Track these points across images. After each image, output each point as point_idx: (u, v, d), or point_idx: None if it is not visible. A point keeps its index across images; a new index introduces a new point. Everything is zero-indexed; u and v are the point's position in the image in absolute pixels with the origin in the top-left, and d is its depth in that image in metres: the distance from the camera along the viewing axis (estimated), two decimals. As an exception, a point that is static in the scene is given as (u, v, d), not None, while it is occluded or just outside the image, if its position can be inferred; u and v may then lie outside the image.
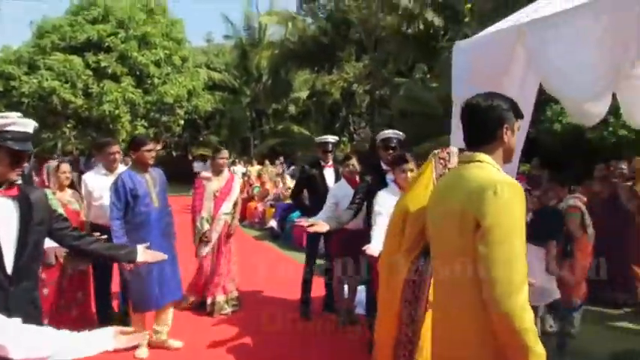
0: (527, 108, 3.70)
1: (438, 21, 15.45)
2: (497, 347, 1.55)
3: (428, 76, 17.04)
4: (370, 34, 17.02)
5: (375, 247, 2.98)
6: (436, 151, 2.57)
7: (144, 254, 2.51)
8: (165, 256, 2.67)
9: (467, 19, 12.36)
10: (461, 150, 1.94)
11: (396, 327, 2.43)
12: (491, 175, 1.63)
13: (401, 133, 4.04)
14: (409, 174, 3.28)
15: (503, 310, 1.48)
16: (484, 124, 1.71)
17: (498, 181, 1.58)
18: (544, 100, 6.76)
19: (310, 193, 5.04)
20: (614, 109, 5.18)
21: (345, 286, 4.78)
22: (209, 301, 4.95)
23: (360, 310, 4.82)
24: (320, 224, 3.48)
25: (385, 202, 3.21)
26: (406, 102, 14.17)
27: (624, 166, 6.28)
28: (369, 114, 17.83)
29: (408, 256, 2.37)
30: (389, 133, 3.97)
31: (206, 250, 4.95)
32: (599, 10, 2.99)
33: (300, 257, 7.54)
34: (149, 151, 3.81)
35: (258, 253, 8.07)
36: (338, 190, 4.48)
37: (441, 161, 2.51)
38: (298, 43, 19.07)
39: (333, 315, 4.85)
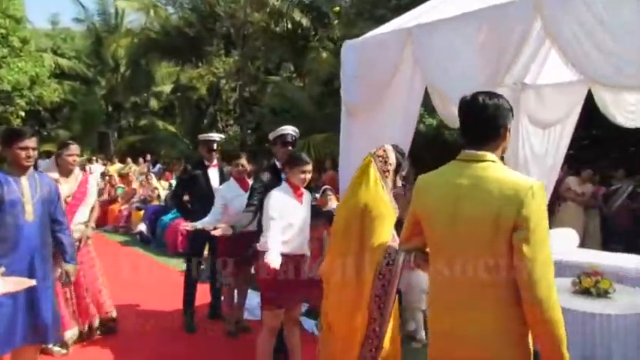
0: (415, 109, 3.86)
1: (305, 21, 15.72)
2: (521, 346, 1.68)
3: (294, 75, 17.31)
4: (239, 29, 16.69)
5: (273, 257, 2.85)
6: (373, 151, 2.68)
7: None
8: (33, 282, 2.20)
9: (336, 22, 12.75)
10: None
11: (366, 324, 2.45)
12: (519, 177, 1.70)
13: (297, 130, 3.93)
14: (308, 176, 3.27)
15: (547, 306, 1.58)
16: (491, 123, 1.73)
17: (533, 184, 1.65)
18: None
19: (192, 195, 4.69)
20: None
21: (235, 291, 4.54)
22: (84, 328, 4.16)
23: (249, 316, 4.62)
24: (225, 228, 3.42)
25: (278, 205, 3.10)
26: (277, 100, 14.17)
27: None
28: (239, 111, 17.48)
29: (376, 252, 2.41)
30: (287, 129, 3.83)
31: (59, 271, 3.65)
32: (483, 19, 3.21)
33: (176, 263, 7.10)
34: (24, 149, 2.98)
35: (127, 262, 7.35)
36: (227, 191, 4.23)
37: (380, 159, 2.62)
38: (161, 33, 17.93)
39: (220, 322, 4.58)
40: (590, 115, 5.52)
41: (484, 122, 1.74)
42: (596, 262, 4.24)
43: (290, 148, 3.74)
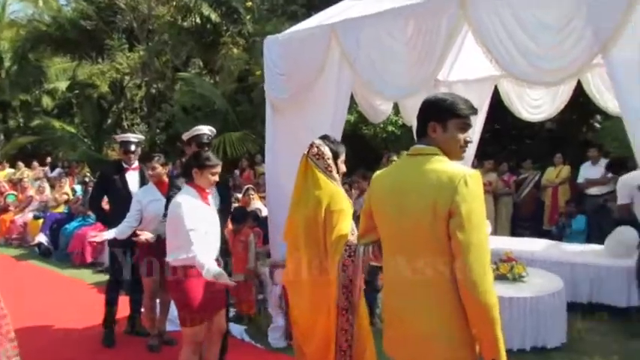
0: (343, 105, 3.83)
1: (215, 16, 15.24)
2: (468, 348, 1.69)
3: (204, 71, 16.73)
4: (142, 23, 15.77)
5: (218, 272, 2.67)
6: (305, 152, 2.66)
7: None
8: None
9: (248, 17, 12.49)
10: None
11: (336, 317, 2.44)
12: (455, 167, 1.71)
13: (213, 129, 3.76)
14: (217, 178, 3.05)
15: (480, 289, 1.61)
16: (420, 118, 1.83)
17: (467, 172, 1.68)
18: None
19: (110, 201, 4.34)
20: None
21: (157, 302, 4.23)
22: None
23: (172, 327, 4.34)
24: (147, 234, 3.28)
25: (195, 214, 2.82)
26: (187, 97, 13.59)
27: (395, 157, 7.25)
28: (147, 110, 16.54)
29: (338, 245, 2.40)
30: (202, 129, 3.64)
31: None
32: (410, 15, 3.25)
33: (87, 275, 6.53)
34: None
35: (27, 278, 6.62)
36: (143, 195, 3.94)
37: (316, 157, 2.61)
38: (53, 26, 16.41)
39: (142, 337, 4.25)
40: (492, 110, 5.93)
41: (418, 118, 1.85)
42: (509, 248, 4.55)
43: (207, 149, 3.53)
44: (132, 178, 4.29)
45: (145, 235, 3.30)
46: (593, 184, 6.30)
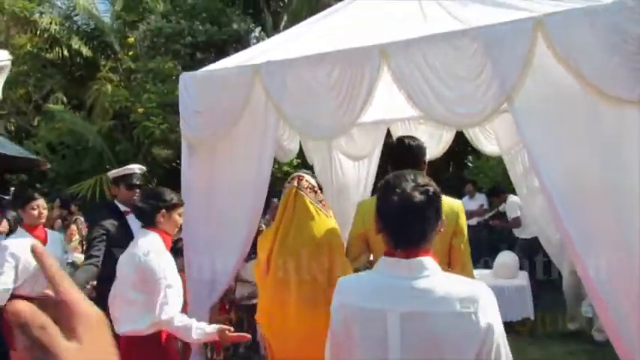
0: (270, 146, 3.85)
1: (86, 50, 14.32)
2: None
3: (68, 106, 15.50)
4: (-2, 51, 14.17)
5: (213, 328, 2.44)
6: (295, 184, 2.76)
7: None
8: None
9: (130, 53, 11.98)
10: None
11: None
12: (450, 199, 2.56)
13: (143, 168, 3.54)
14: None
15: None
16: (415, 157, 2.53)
17: (458, 202, 2.53)
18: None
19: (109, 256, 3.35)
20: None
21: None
22: None
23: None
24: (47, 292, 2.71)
25: (168, 265, 2.48)
26: (55, 134, 12.43)
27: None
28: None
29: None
30: (133, 168, 3.41)
31: None
32: (335, 61, 3.48)
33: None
34: None
35: None
36: (16, 246, 3.35)
37: (308, 190, 2.72)
38: None
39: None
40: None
41: (410, 157, 2.40)
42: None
43: (137, 190, 3.31)
44: (134, 223, 3.32)
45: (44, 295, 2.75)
46: (472, 216, 7.13)
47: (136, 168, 3.44)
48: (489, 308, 1.34)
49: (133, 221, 3.23)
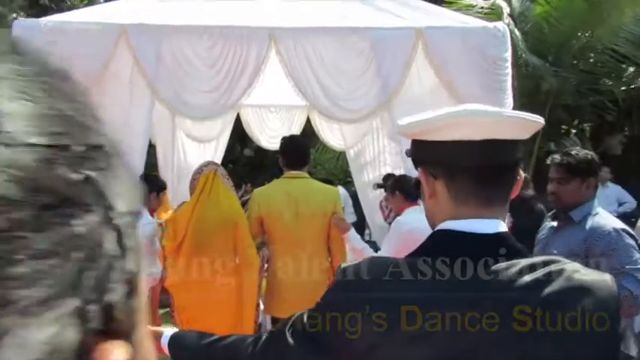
0: (141, 112, 3.41)
1: None
2: None
3: None
4: None
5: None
6: (214, 170, 2.75)
7: None
8: None
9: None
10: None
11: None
12: (325, 185, 2.99)
13: None
14: None
15: None
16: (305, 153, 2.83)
17: (336, 189, 3.03)
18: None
19: None
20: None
21: None
22: None
23: None
24: None
25: None
26: None
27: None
28: None
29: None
30: None
31: None
32: (219, 36, 3.27)
33: None
34: None
35: None
36: None
37: (226, 176, 2.80)
38: None
39: None
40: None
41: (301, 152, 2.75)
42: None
43: None
44: None
45: None
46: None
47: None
48: None
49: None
